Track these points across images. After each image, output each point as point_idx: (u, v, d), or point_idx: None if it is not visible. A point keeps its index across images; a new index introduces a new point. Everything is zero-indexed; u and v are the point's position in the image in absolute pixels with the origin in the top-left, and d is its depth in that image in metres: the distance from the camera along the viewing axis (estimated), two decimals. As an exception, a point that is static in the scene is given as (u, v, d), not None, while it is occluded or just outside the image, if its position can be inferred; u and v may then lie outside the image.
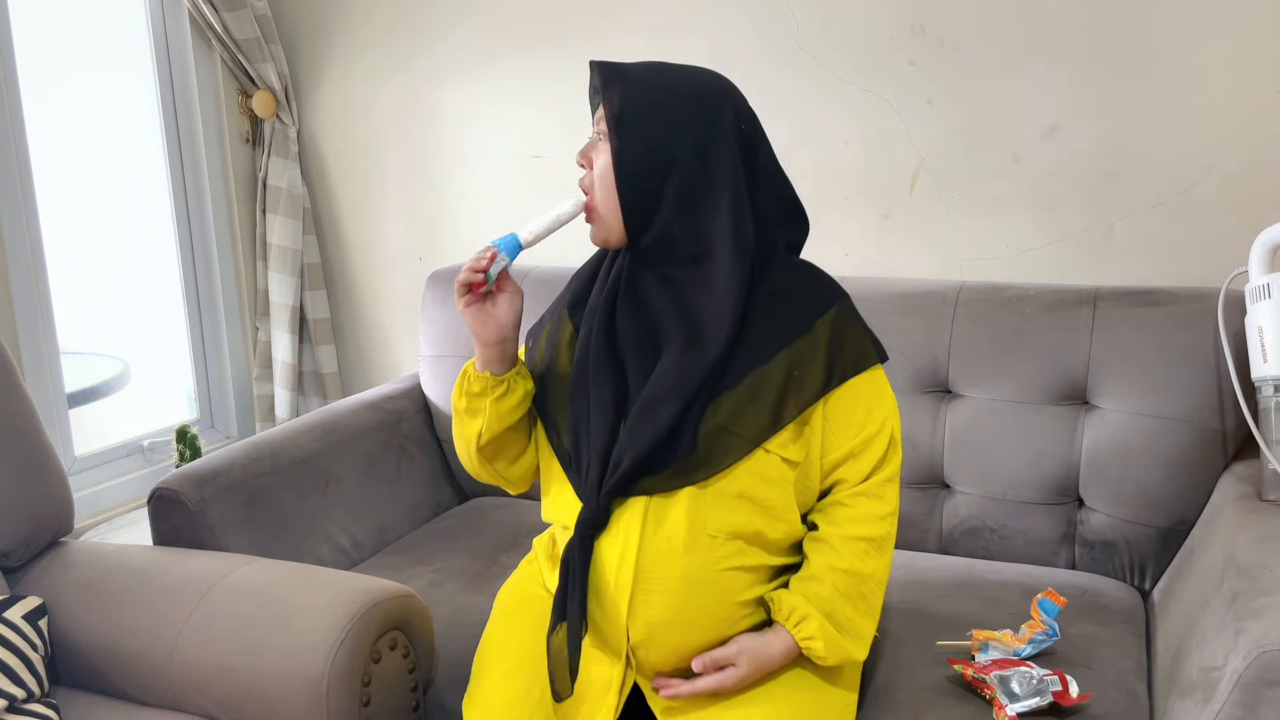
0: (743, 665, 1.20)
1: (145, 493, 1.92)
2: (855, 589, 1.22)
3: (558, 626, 1.22)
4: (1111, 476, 1.66)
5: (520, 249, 1.23)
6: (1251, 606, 1.17)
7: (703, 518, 1.19)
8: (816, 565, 1.22)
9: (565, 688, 1.22)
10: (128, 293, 2.61)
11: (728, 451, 1.18)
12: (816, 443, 1.23)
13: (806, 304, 1.24)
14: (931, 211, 1.99)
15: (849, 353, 1.23)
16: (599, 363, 1.23)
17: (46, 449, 1.57)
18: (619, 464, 1.18)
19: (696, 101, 1.21)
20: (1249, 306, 1.54)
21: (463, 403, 1.28)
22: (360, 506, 1.95)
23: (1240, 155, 1.77)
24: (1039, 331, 1.71)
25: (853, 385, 1.23)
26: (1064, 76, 1.85)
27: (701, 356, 1.18)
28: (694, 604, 1.20)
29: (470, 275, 1.21)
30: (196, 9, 2.31)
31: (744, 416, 1.18)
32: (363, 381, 2.64)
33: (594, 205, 1.24)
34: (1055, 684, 1.30)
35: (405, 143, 2.45)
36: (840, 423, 1.23)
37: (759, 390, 1.19)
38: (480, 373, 1.26)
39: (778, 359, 1.20)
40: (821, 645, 1.19)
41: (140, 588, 1.47)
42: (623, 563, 1.19)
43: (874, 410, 1.24)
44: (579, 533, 1.21)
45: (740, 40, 2.06)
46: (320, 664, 1.30)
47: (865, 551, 1.22)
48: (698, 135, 1.20)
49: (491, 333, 1.23)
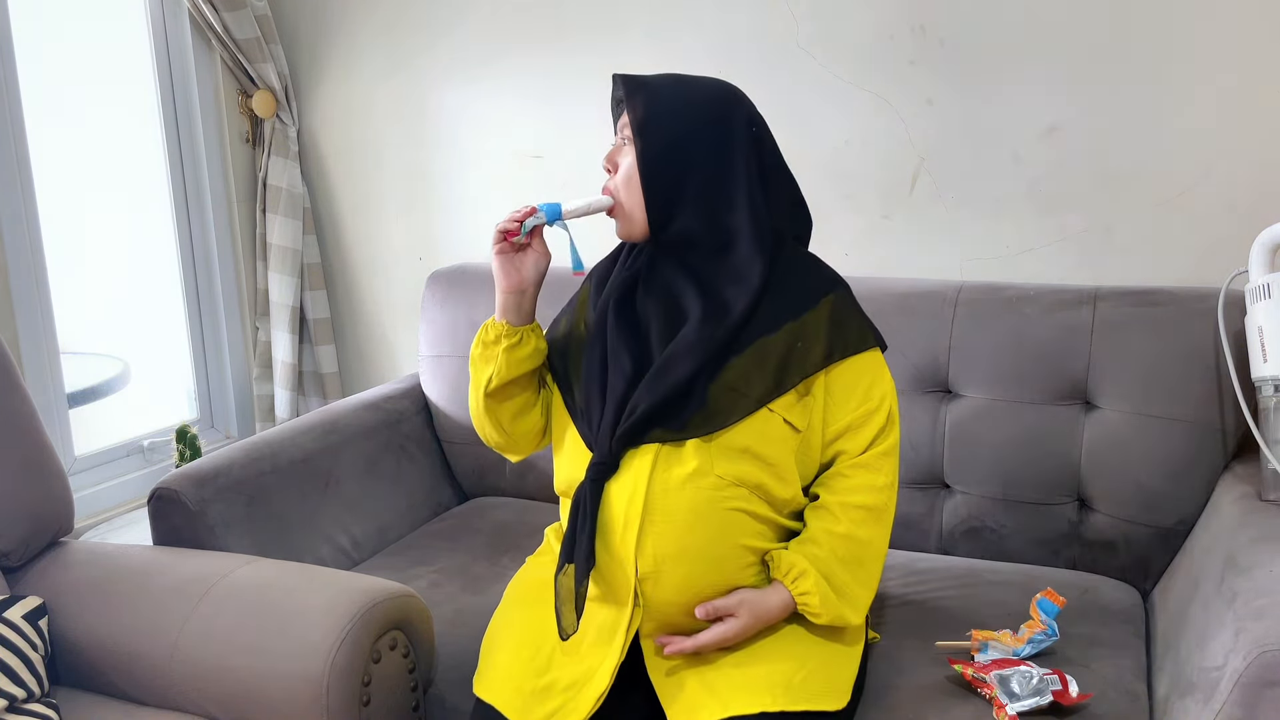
0: (743, 616, 1.26)
1: (145, 493, 1.92)
2: (852, 554, 1.29)
3: (565, 567, 1.28)
4: (1111, 476, 1.66)
5: (560, 217, 1.32)
6: (1251, 606, 1.17)
7: (709, 463, 1.26)
8: (815, 529, 1.30)
9: (571, 624, 1.26)
10: (128, 293, 2.62)
11: (734, 408, 1.26)
12: (818, 413, 1.31)
13: (812, 285, 1.34)
14: (931, 211, 1.99)
15: (851, 332, 1.32)
16: (619, 329, 1.32)
17: (46, 449, 1.57)
18: (634, 411, 1.26)
19: (712, 107, 1.32)
20: (1249, 306, 1.54)
21: (477, 350, 1.37)
22: (360, 506, 1.95)
23: (1240, 155, 1.77)
24: (1039, 331, 1.71)
25: (854, 362, 1.31)
26: (1064, 76, 1.85)
27: (720, 325, 1.27)
28: (700, 536, 1.25)
29: (508, 224, 1.31)
30: (196, 9, 2.31)
31: (750, 379, 1.27)
32: (363, 381, 2.64)
33: (620, 203, 1.32)
34: (1055, 683, 1.30)
35: (405, 143, 2.45)
36: (841, 395, 1.31)
37: (765, 357, 1.28)
38: (498, 321, 1.34)
39: (784, 330, 1.29)
40: (817, 601, 1.26)
41: (140, 588, 1.47)
42: (632, 499, 1.25)
43: (874, 387, 1.32)
44: (590, 475, 1.27)
45: (740, 40, 2.06)
46: (320, 664, 1.30)
47: (863, 519, 1.29)
48: (714, 138, 1.30)
49: (513, 282, 1.32)
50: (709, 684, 1.24)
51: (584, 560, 1.25)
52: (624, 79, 1.33)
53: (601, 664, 1.27)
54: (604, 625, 1.29)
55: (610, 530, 1.27)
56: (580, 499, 1.28)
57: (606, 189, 1.34)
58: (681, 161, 1.29)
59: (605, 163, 1.34)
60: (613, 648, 1.27)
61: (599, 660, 1.27)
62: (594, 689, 1.25)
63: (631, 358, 1.30)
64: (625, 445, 1.27)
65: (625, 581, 1.27)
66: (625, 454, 1.28)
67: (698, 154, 1.30)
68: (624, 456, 1.28)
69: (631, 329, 1.33)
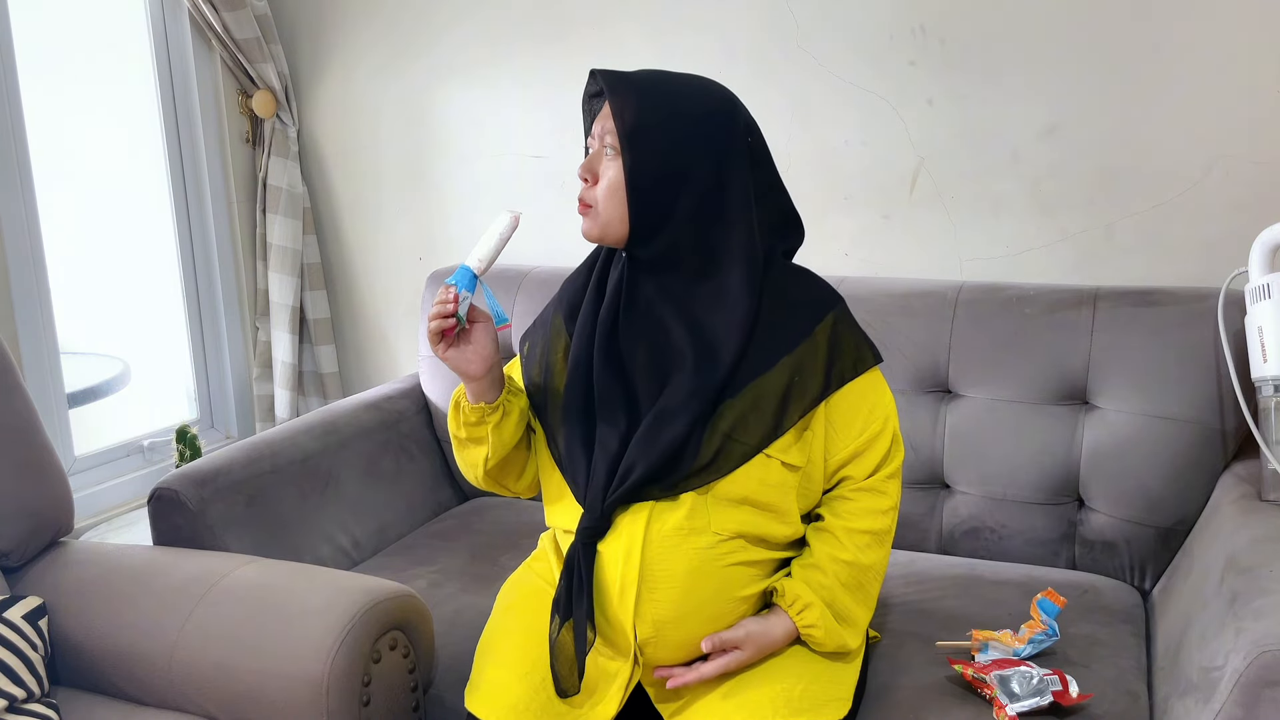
0: (748, 649, 1.23)
1: (145, 493, 1.92)
2: (855, 579, 1.26)
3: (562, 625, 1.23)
4: (1111, 476, 1.66)
5: (477, 279, 1.22)
6: (1251, 606, 1.17)
7: (704, 519, 1.21)
8: (819, 554, 1.26)
9: (573, 686, 1.23)
10: (128, 293, 2.61)
11: (730, 457, 1.20)
12: (819, 445, 1.25)
13: (805, 310, 1.26)
14: (931, 211, 1.99)
15: (847, 357, 1.25)
16: (606, 372, 1.24)
17: (46, 449, 1.57)
18: (627, 475, 1.20)
19: (709, 116, 1.21)
20: (1249, 306, 1.54)
21: (463, 433, 1.29)
22: (360, 506, 1.95)
23: (1240, 155, 1.77)
24: (1039, 331, 1.71)
25: (853, 387, 1.25)
26: (1064, 76, 1.85)
27: (714, 372, 1.20)
28: (699, 598, 1.22)
29: (441, 323, 1.20)
30: (196, 9, 2.31)
31: (747, 424, 1.20)
32: (363, 381, 2.64)
33: (597, 213, 1.22)
34: (1055, 684, 1.30)
35: (405, 143, 2.45)
36: (843, 423, 1.26)
37: (761, 398, 1.21)
38: (474, 404, 1.26)
39: (780, 366, 1.22)
40: (821, 633, 1.23)
41: (140, 588, 1.47)
42: (627, 562, 1.20)
43: (875, 409, 1.27)
44: (581, 540, 1.22)
45: (740, 40, 2.06)
46: (320, 664, 1.30)
47: (867, 544, 1.26)
48: (711, 151, 1.20)
49: (478, 367, 1.22)
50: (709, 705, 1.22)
51: (583, 629, 1.20)
52: (605, 75, 1.20)
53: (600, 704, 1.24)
54: (603, 672, 1.26)
55: (606, 595, 1.22)
56: (574, 562, 1.22)
57: (582, 200, 1.23)
58: (674, 177, 1.18)
59: (582, 172, 1.23)
60: (611, 696, 1.24)
61: (598, 699, 1.25)
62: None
63: (622, 410, 1.22)
64: (617, 506, 1.22)
65: (624, 643, 1.23)
66: (617, 512, 1.22)
67: (692, 170, 1.19)
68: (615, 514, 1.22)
69: (617, 373, 1.24)
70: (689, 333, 1.21)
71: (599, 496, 1.21)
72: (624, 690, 1.23)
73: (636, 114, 1.17)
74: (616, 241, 1.23)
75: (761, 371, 1.21)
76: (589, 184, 1.22)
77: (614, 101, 1.18)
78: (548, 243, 2.32)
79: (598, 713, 1.24)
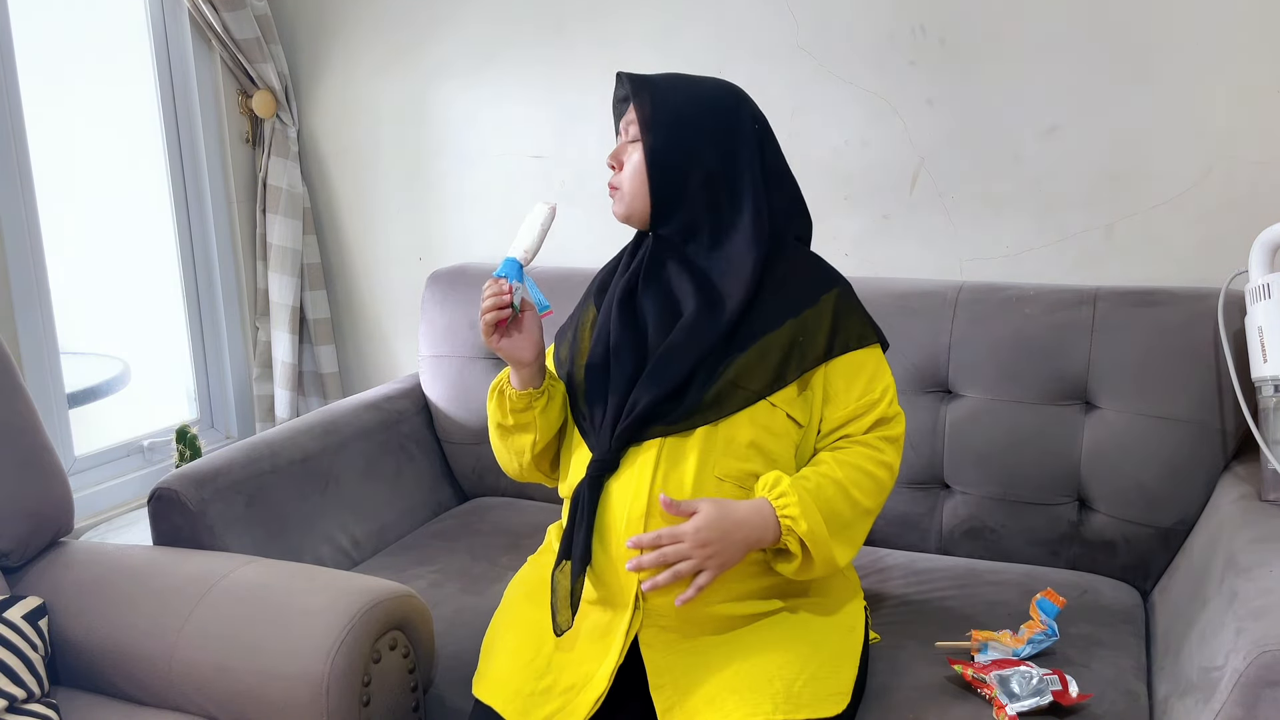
0: (706, 508, 1.20)
1: (145, 493, 1.92)
2: (843, 499, 1.25)
3: (562, 564, 1.28)
4: (1111, 476, 1.66)
5: (523, 268, 1.31)
6: (1251, 606, 1.17)
7: (712, 462, 1.27)
8: (808, 470, 1.28)
9: (566, 620, 1.27)
10: (128, 293, 2.61)
11: (733, 400, 1.27)
12: (818, 406, 1.32)
13: (813, 283, 1.35)
14: (931, 211, 1.99)
15: (853, 328, 1.33)
16: (621, 326, 1.34)
17: (46, 449, 1.57)
18: (634, 408, 1.27)
19: (717, 104, 1.35)
20: (1249, 306, 1.54)
21: (510, 420, 1.36)
22: (360, 506, 1.95)
23: (1240, 155, 1.77)
24: (1039, 331, 1.71)
25: (854, 356, 1.32)
26: (1064, 76, 1.85)
27: (717, 317, 1.29)
28: None
29: (497, 314, 1.28)
30: (196, 9, 2.31)
31: (751, 373, 1.28)
32: (363, 381, 2.64)
33: (623, 194, 1.35)
34: (1055, 684, 1.30)
35: (405, 143, 2.45)
36: (842, 386, 1.32)
37: (766, 353, 1.29)
38: (522, 390, 1.33)
39: (785, 327, 1.30)
40: (805, 527, 1.20)
41: (140, 588, 1.48)
42: (635, 500, 1.25)
43: (875, 380, 1.34)
44: (590, 473, 1.28)
45: (740, 40, 2.06)
46: (320, 664, 1.30)
47: (858, 480, 1.27)
48: (719, 135, 1.33)
49: (529, 353, 1.31)
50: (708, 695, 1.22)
51: (580, 558, 1.26)
52: (629, 77, 1.35)
53: (600, 667, 1.26)
54: (603, 627, 1.28)
55: (610, 531, 1.27)
56: (579, 496, 1.28)
57: (611, 184, 1.37)
58: (687, 157, 1.32)
59: (610, 160, 1.37)
60: (611, 651, 1.26)
61: (597, 663, 1.27)
62: (591, 692, 1.24)
63: (632, 355, 1.31)
64: (626, 442, 1.28)
65: (625, 584, 1.26)
66: (627, 452, 1.28)
67: (703, 150, 1.32)
68: (625, 455, 1.28)
69: (631, 326, 1.34)
70: (698, 290, 1.31)
71: (609, 431, 1.28)
72: (625, 639, 1.25)
73: (653, 104, 1.32)
74: (641, 220, 1.36)
75: (768, 330, 1.29)
76: (617, 170, 1.36)
77: (635, 95, 1.33)
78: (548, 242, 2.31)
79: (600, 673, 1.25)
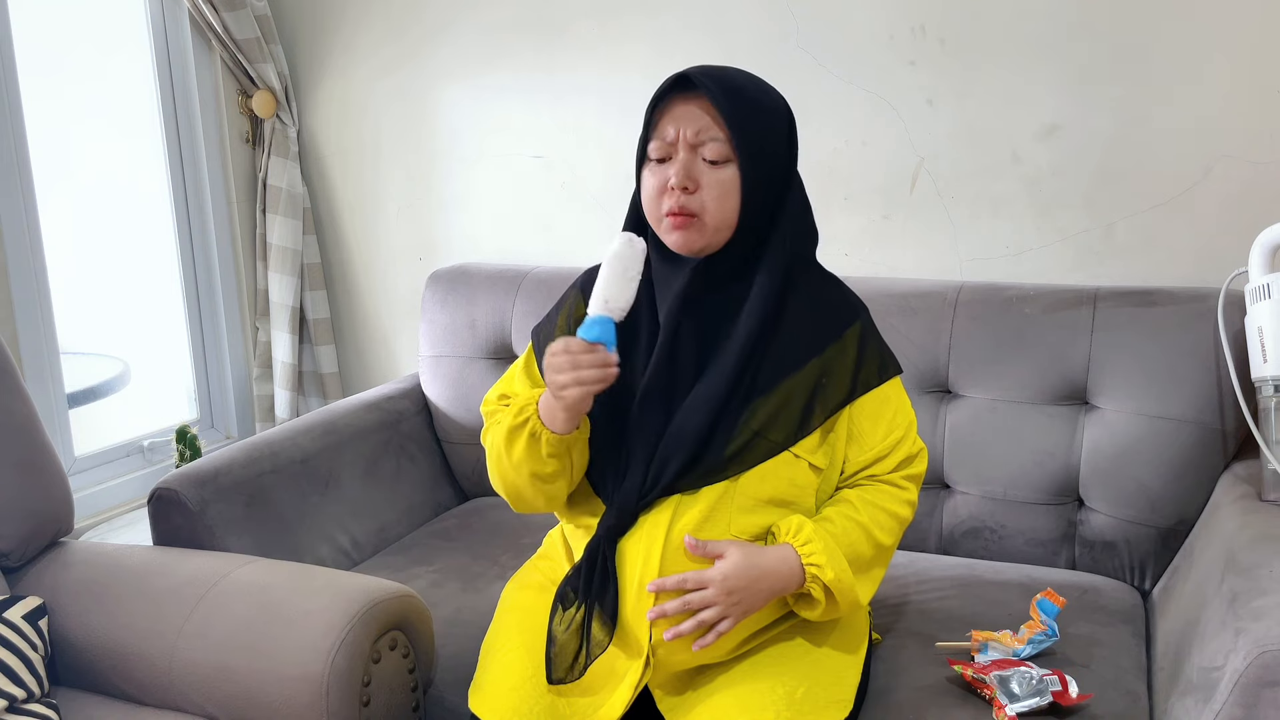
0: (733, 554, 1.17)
1: (145, 493, 1.92)
2: (866, 541, 1.23)
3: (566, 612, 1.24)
4: (1111, 476, 1.66)
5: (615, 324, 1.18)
6: (1251, 606, 1.17)
7: (725, 520, 1.22)
8: (831, 511, 1.25)
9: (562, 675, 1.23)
10: (128, 293, 2.62)
11: (756, 452, 1.22)
12: (840, 448, 1.27)
13: (836, 314, 1.29)
14: (931, 211, 1.99)
15: (872, 363, 1.28)
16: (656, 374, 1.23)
17: (46, 449, 1.57)
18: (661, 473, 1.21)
19: (787, 124, 1.27)
20: (1249, 306, 1.54)
21: (549, 467, 1.24)
22: (360, 506, 1.95)
23: (1240, 155, 1.77)
24: (1039, 331, 1.71)
25: (876, 394, 1.28)
26: (1064, 76, 1.85)
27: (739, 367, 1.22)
28: None
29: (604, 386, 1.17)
30: (196, 9, 2.31)
31: (776, 422, 1.22)
32: (363, 381, 2.64)
33: (704, 220, 1.20)
34: (1055, 684, 1.30)
35: (405, 143, 2.45)
36: (868, 426, 1.28)
37: (791, 397, 1.23)
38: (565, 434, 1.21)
39: (809, 366, 1.24)
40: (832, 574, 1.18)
41: (140, 588, 1.47)
42: (647, 561, 1.21)
43: (898, 416, 1.30)
44: (607, 536, 1.23)
45: (740, 40, 2.06)
46: (320, 664, 1.30)
47: (882, 521, 1.25)
48: (789, 152, 1.27)
49: (590, 404, 1.20)
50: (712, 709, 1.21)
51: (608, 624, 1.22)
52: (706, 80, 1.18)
53: (605, 706, 1.23)
54: (612, 671, 1.25)
55: (623, 592, 1.23)
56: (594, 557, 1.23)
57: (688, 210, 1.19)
58: (778, 183, 1.24)
59: (682, 180, 1.18)
60: (618, 700, 1.23)
61: (603, 698, 1.24)
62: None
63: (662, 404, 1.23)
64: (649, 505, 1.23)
65: (638, 643, 1.23)
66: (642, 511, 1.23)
67: (785, 174, 1.25)
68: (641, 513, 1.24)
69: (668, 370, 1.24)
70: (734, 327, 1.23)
71: (634, 494, 1.22)
72: (633, 691, 1.23)
73: (749, 119, 1.19)
74: (714, 250, 1.23)
75: (791, 371, 1.23)
76: (691, 191, 1.20)
77: (724, 107, 1.18)
78: (548, 243, 2.32)
79: (602, 714, 1.23)
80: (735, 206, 1.20)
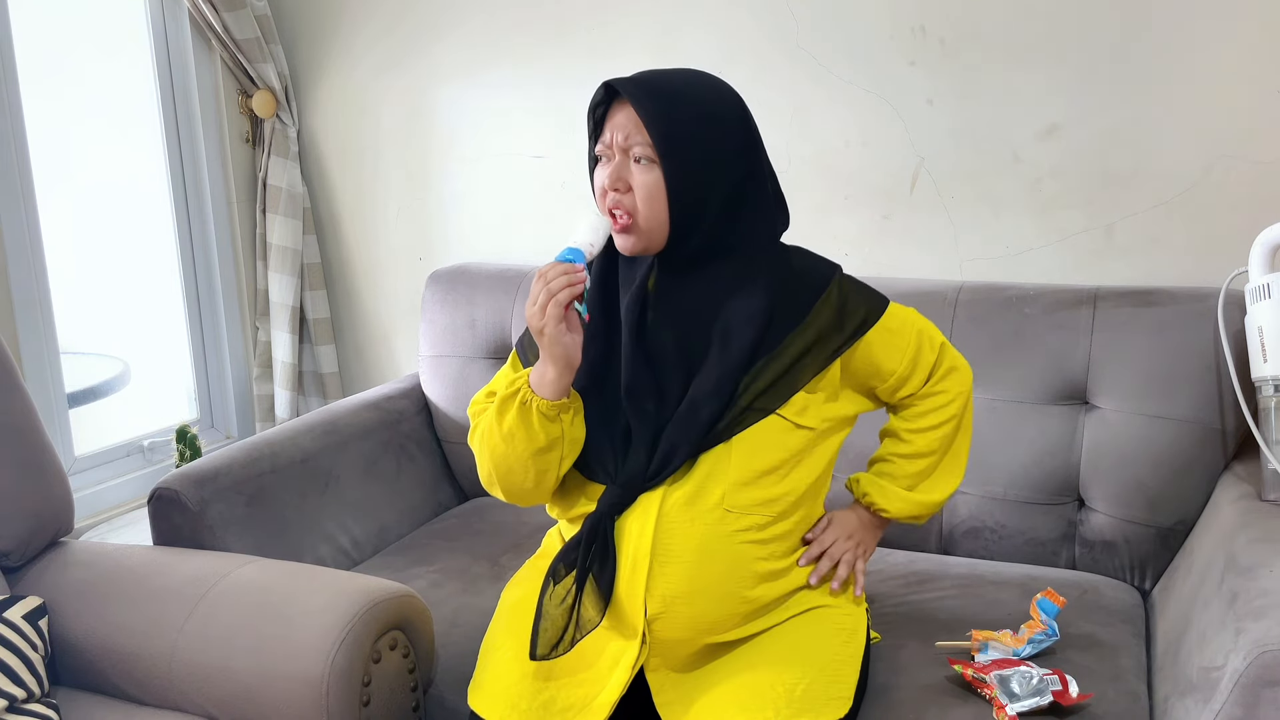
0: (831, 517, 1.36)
1: (145, 493, 1.92)
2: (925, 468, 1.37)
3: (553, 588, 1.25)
4: (1111, 476, 1.66)
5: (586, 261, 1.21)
6: (1251, 606, 1.17)
7: (717, 493, 1.23)
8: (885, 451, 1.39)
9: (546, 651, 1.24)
10: (128, 293, 2.62)
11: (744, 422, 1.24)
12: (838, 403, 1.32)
13: (810, 285, 1.30)
14: (931, 211, 1.99)
15: (856, 315, 1.30)
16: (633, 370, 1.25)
17: (46, 449, 1.57)
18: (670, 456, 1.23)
19: (727, 113, 1.25)
20: (1249, 306, 1.54)
21: (542, 438, 1.23)
22: (360, 506, 1.95)
23: (1240, 155, 1.77)
24: (1039, 331, 1.71)
25: (879, 329, 1.30)
26: (1064, 76, 1.85)
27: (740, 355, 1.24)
28: (708, 574, 1.23)
29: (570, 292, 1.17)
30: (196, 9, 2.31)
31: (764, 394, 1.25)
32: (363, 381, 2.64)
33: (638, 224, 1.23)
34: (1055, 684, 1.30)
35: (405, 143, 2.45)
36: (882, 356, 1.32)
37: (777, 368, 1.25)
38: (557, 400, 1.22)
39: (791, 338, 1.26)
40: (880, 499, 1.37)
41: (140, 588, 1.47)
42: (641, 536, 1.23)
43: (903, 332, 1.32)
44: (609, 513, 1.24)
45: (740, 40, 2.06)
46: (320, 664, 1.30)
47: (934, 439, 1.36)
48: (734, 148, 1.25)
49: (574, 354, 1.21)
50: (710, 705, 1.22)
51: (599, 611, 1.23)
52: (628, 85, 1.21)
53: (601, 693, 1.24)
54: (606, 652, 1.26)
55: (619, 567, 1.24)
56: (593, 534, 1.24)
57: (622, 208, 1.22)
58: (709, 179, 1.22)
59: (613, 182, 1.22)
60: (615, 681, 1.24)
61: (598, 686, 1.25)
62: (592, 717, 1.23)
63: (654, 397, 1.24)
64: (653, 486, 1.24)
65: (633, 620, 1.24)
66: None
67: (724, 166, 1.23)
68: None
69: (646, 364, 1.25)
70: (714, 320, 1.25)
71: (639, 475, 1.24)
72: (629, 672, 1.24)
73: (669, 121, 1.20)
74: (657, 249, 1.25)
75: (775, 346, 1.26)
76: (621, 191, 1.23)
77: (643, 111, 1.20)
78: (548, 242, 2.32)
79: (600, 700, 1.24)
80: (664, 207, 1.21)
